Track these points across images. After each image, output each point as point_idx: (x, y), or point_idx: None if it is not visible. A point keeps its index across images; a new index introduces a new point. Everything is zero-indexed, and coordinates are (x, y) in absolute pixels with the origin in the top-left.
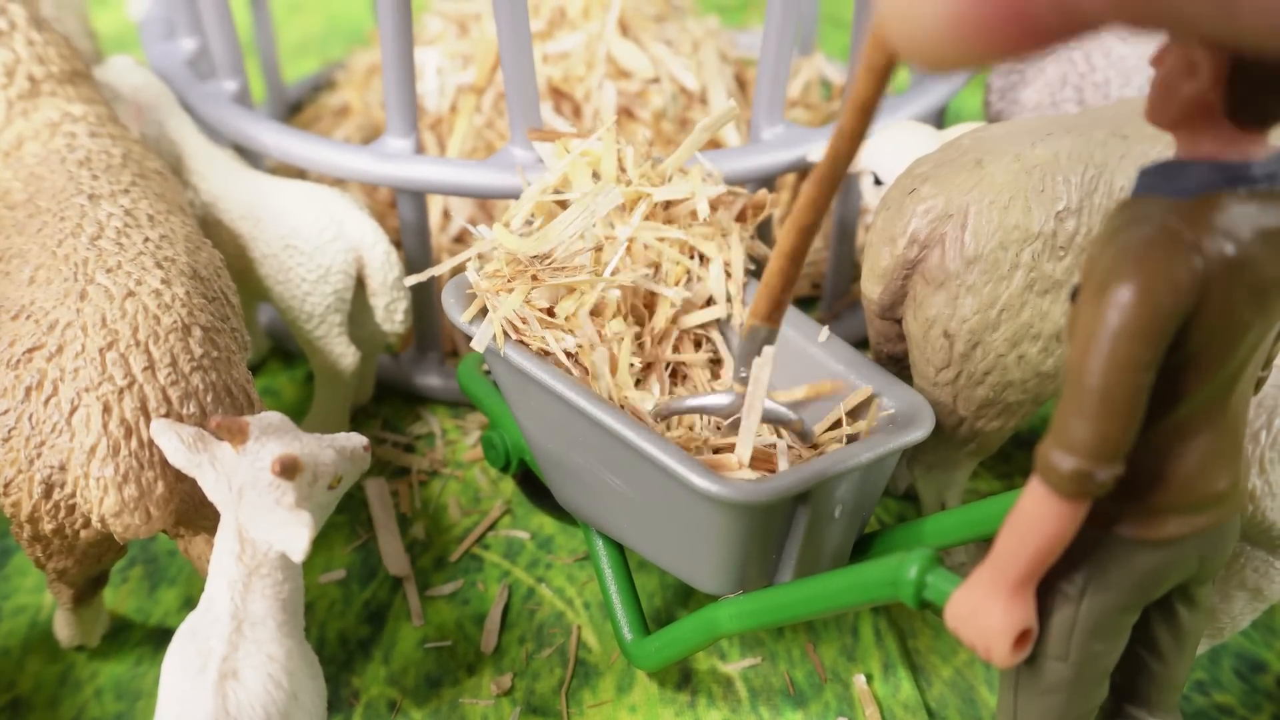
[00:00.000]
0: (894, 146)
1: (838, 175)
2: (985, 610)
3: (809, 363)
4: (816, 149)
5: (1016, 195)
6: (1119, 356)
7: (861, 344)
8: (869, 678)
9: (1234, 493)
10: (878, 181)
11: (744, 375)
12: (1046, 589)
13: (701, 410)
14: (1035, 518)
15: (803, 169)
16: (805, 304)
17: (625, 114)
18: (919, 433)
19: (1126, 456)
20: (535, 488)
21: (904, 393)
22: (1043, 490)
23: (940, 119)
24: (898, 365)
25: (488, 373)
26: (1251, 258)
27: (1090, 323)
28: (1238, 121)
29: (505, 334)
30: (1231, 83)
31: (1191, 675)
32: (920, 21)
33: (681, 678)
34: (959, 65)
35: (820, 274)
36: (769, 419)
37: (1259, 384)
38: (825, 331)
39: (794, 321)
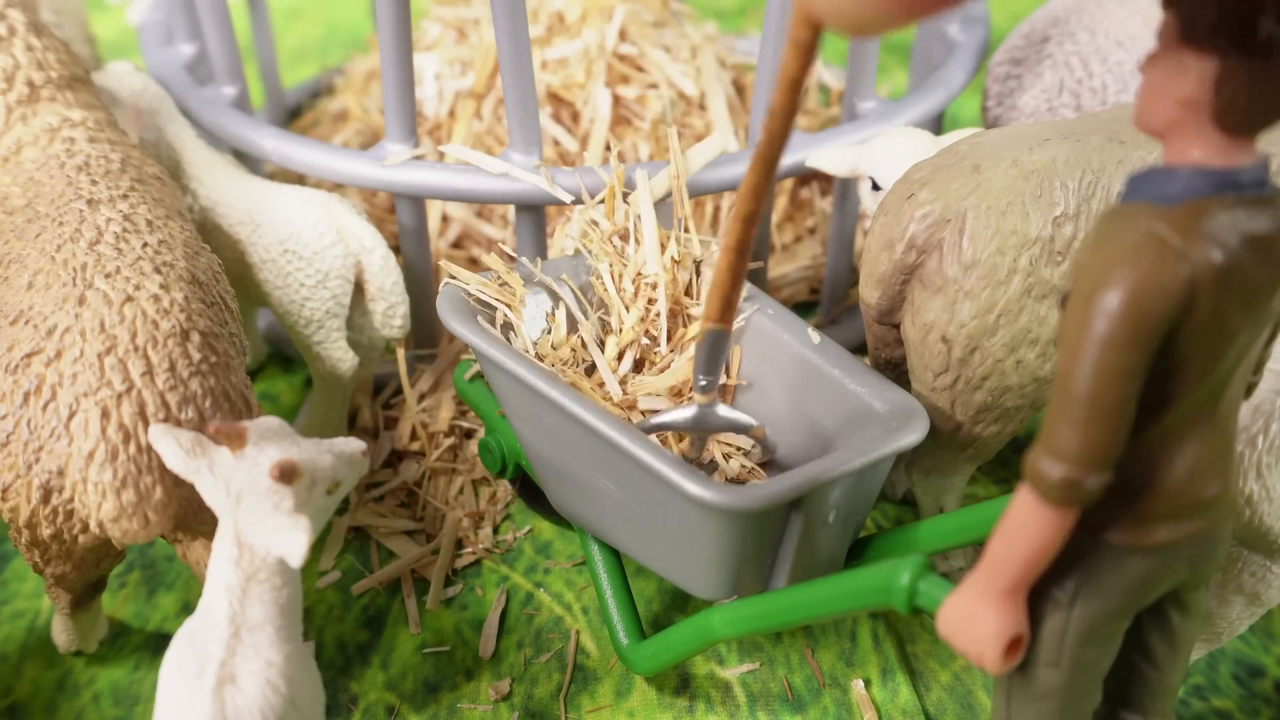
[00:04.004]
0: (892, 152)
1: (775, 157)
2: (976, 617)
3: (803, 367)
4: (815, 154)
5: (1014, 201)
6: (1106, 364)
7: (859, 349)
8: (867, 683)
9: (1224, 499)
10: (876, 187)
11: (703, 384)
12: (1038, 596)
13: (667, 428)
14: (1024, 526)
15: (801, 174)
16: (803, 308)
17: (623, 121)
18: (913, 437)
19: (1115, 464)
20: (532, 492)
21: (898, 396)
22: (1031, 498)
23: (938, 124)
24: (896, 370)
25: (479, 375)
26: (1239, 264)
27: (1078, 330)
28: (1225, 128)
29: (500, 339)
30: (1219, 88)
31: (1189, 680)
32: None
33: (680, 682)
34: (877, 28)
35: (818, 279)
36: (726, 427)
37: (1250, 389)
38: (818, 335)
39: (787, 325)
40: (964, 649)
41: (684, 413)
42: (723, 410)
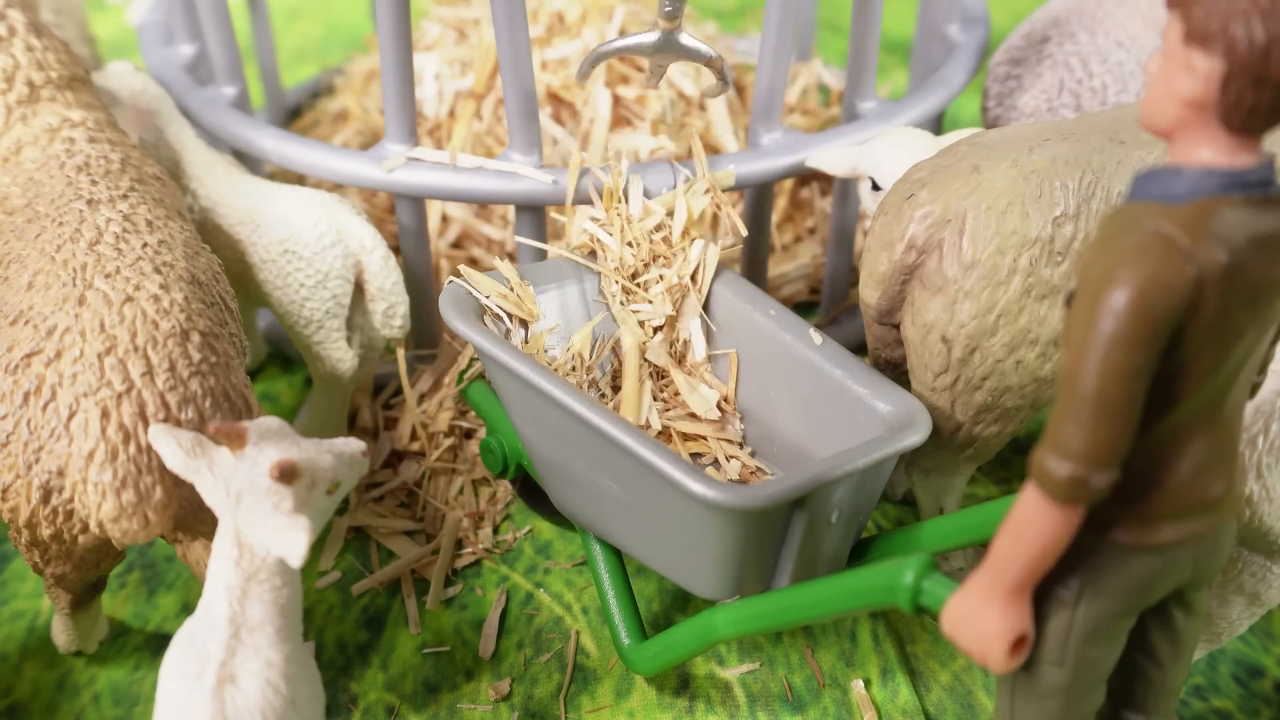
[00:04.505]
0: (892, 152)
1: None
2: (981, 616)
3: (805, 368)
4: (815, 154)
5: (1014, 201)
6: (1113, 363)
7: (859, 349)
8: (867, 683)
9: (1229, 498)
10: (876, 187)
11: (669, 9)
12: (1042, 594)
13: (631, 50)
14: (1030, 524)
15: (801, 174)
16: (803, 308)
17: (623, 121)
18: (916, 437)
19: (1122, 462)
20: (533, 493)
21: (900, 397)
22: (1038, 496)
23: (938, 125)
24: (895, 370)
25: (480, 375)
26: (1245, 263)
27: (1084, 329)
28: (1231, 127)
29: (503, 337)
30: (1225, 88)
31: (1189, 680)
32: None
33: (680, 683)
34: None
35: (818, 279)
36: (688, 53)
37: (1254, 389)
38: (819, 335)
39: (788, 325)
40: (968, 648)
41: (647, 37)
42: (685, 39)
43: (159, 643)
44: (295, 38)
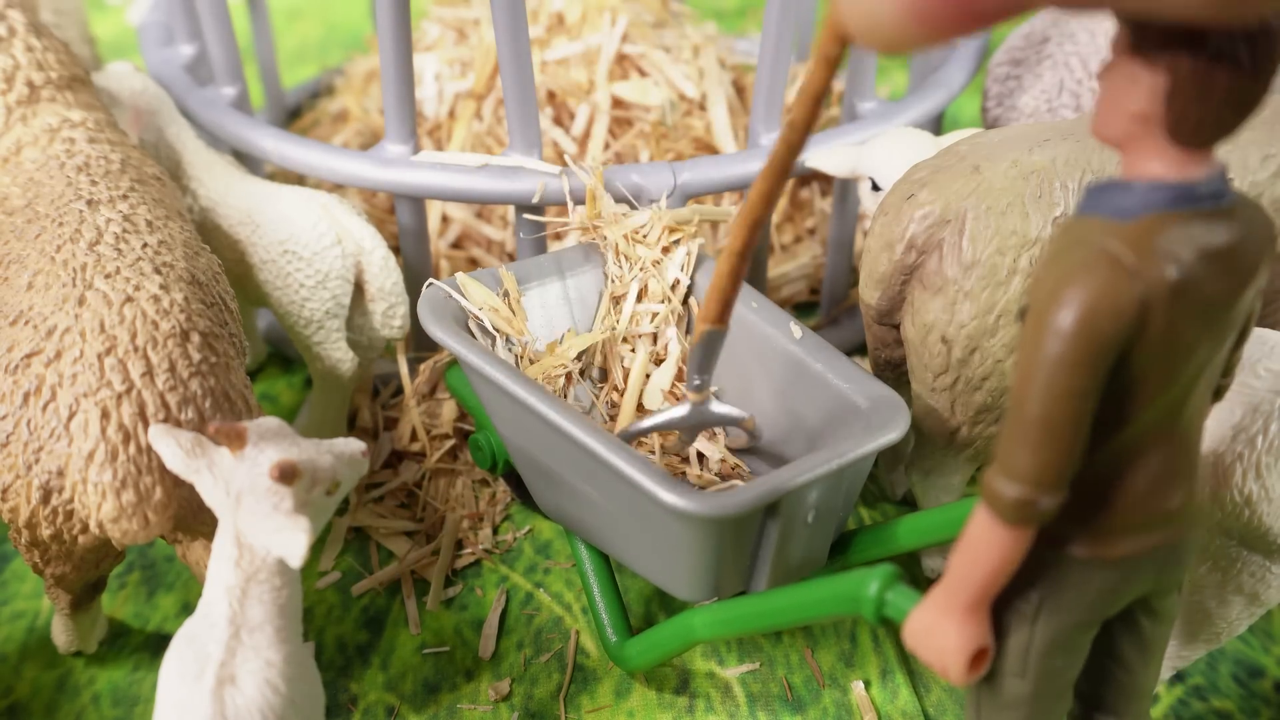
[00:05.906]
0: (892, 152)
1: (789, 166)
2: (940, 630)
3: (787, 361)
4: (815, 155)
5: (1014, 201)
6: (1058, 385)
7: (859, 349)
8: (867, 684)
9: (1187, 510)
10: (876, 187)
11: (697, 383)
12: (1002, 607)
13: (662, 427)
14: (982, 543)
15: (801, 174)
16: (803, 308)
17: (623, 122)
18: (893, 435)
19: (1073, 480)
20: (522, 486)
21: (880, 391)
22: (988, 517)
23: (938, 125)
24: (895, 370)
25: (453, 363)
26: (1195, 279)
27: (1030, 350)
28: (1179, 140)
29: (482, 346)
30: (1170, 102)
31: (1189, 680)
32: (878, 10)
33: (680, 682)
34: (910, 48)
35: (818, 279)
36: (719, 422)
37: (1219, 392)
38: (799, 328)
39: (771, 319)
40: (929, 661)
41: (678, 411)
42: (715, 406)
43: (159, 643)
44: (295, 38)
